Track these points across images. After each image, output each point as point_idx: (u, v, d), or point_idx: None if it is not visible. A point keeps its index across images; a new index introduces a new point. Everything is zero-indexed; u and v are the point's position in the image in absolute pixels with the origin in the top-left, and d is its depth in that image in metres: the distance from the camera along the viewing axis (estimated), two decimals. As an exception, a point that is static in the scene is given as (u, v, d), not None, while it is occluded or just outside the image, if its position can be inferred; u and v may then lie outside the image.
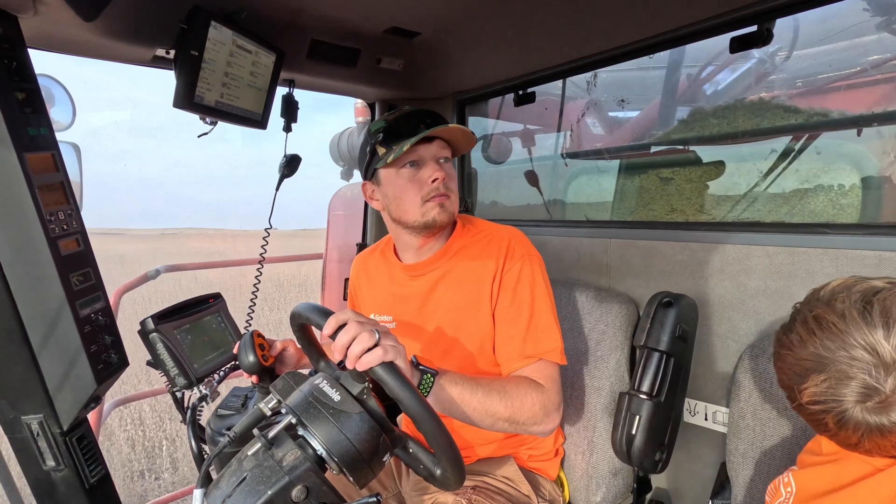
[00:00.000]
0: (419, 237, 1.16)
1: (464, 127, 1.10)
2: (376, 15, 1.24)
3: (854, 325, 0.66)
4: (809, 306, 0.74)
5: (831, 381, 0.67)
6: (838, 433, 0.70)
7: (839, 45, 1.60)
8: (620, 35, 1.30)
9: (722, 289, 1.28)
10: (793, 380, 0.73)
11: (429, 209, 1.11)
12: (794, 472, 0.79)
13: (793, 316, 0.77)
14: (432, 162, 1.11)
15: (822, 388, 0.68)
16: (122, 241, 29.67)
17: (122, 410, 4.02)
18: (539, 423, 1.00)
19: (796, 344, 0.72)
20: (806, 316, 0.73)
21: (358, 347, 0.75)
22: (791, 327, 0.75)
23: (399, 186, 1.12)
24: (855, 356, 0.66)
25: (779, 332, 0.79)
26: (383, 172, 1.14)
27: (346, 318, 0.78)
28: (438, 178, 1.10)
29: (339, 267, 2.87)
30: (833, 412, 0.68)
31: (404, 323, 1.22)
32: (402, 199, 1.12)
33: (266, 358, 1.14)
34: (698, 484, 1.36)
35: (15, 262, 0.94)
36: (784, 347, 0.75)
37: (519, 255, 1.12)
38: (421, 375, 0.87)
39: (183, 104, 1.12)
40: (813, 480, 0.76)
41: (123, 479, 3.30)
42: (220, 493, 0.70)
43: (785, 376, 0.76)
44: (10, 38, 0.92)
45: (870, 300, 0.68)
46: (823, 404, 0.68)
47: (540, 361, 1.06)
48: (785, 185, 1.52)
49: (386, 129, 1.10)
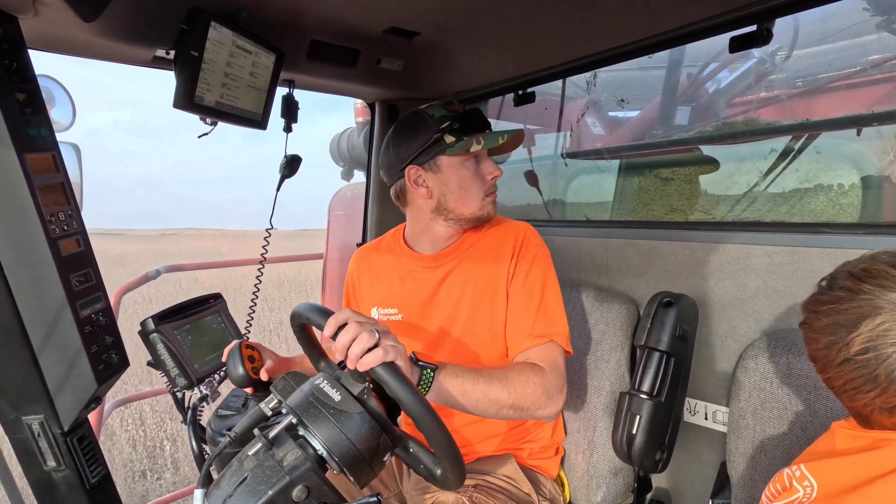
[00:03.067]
0: (458, 228, 1.21)
1: (523, 132, 1.16)
2: (376, 15, 1.24)
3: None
4: (849, 266, 0.72)
5: (888, 323, 0.64)
6: (888, 388, 0.65)
7: (839, 44, 1.60)
8: (620, 35, 1.30)
9: (722, 288, 1.28)
10: (838, 333, 0.69)
11: (486, 204, 1.17)
12: (810, 466, 0.74)
13: (828, 281, 0.74)
14: (489, 160, 1.19)
15: (879, 331, 0.65)
16: (122, 242, 29.69)
17: (123, 410, 4.03)
18: (543, 406, 1.00)
19: (844, 296, 0.69)
20: (850, 271, 0.71)
21: (358, 348, 0.75)
22: (831, 286, 0.72)
23: (464, 178, 1.15)
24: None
25: (811, 299, 0.75)
26: (446, 160, 1.15)
27: (346, 318, 0.78)
28: (497, 175, 1.18)
29: (339, 267, 2.87)
30: (887, 360, 0.64)
31: (412, 314, 1.22)
32: (466, 191, 1.16)
33: (256, 371, 1.11)
34: (698, 483, 1.36)
35: (15, 262, 0.94)
36: (823, 305, 0.71)
37: (534, 243, 1.17)
38: (421, 371, 0.87)
39: (183, 105, 1.12)
40: (838, 472, 0.71)
41: (125, 479, 3.30)
42: (220, 494, 0.70)
43: (826, 334, 0.71)
44: (10, 39, 0.92)
45: None
46: (876, 350, 0.65)
47: (548, 343, 1.07)
48: (785, 185, 1.52)
49: (455, 119, 1.13)
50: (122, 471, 3.39)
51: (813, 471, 0.73)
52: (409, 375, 0.80)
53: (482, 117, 1.17)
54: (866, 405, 0.70)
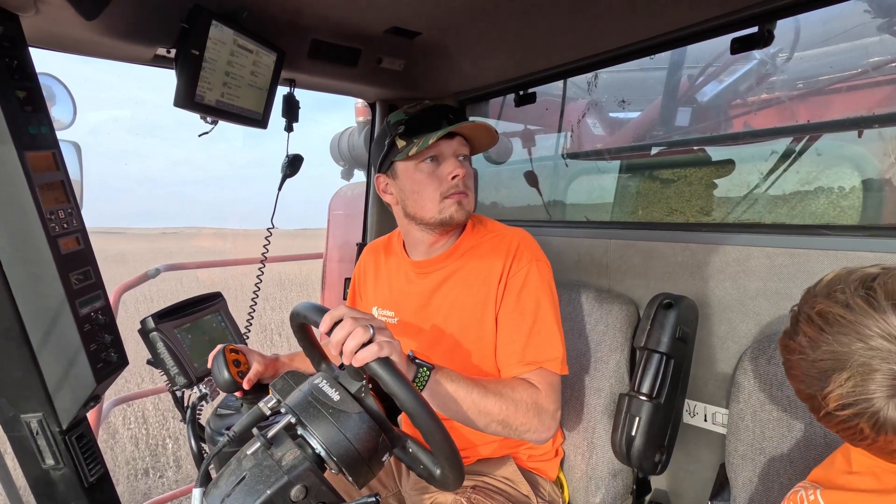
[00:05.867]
0: (431, 234, 1.15)
1: (488, 124, 1.08)
2: (377, 15, 1.24)
3: (863, 314, 0.62)
4: (809, 304, 0.69)
5: (856, 378, 0.61)
6: (877, 439, 0.62)
7: (840, 46, 1.60)
8: (621, 36, 1.30)
9: (722, 290, 1.28)
10: (813, 386, 0.66)
11: (447, 206, 1.10)
12: (826, 494, 0.69)
13: (793, 319, 0.71)
14: (452, 158, 1.10)
15: (848, 388, 0.62)
16: (123, 241, 29.71)
17: (125, 409, 4.04)
18: (533, 430, 0.98)
19: (807, 346, 0.66)
20: (809, 314, 0.67)
21: (353, 343, 0.75)
22: (795, 330, 0.70)
23: (418, 181, 1.10)
24: (873, 346, 0.60)
25: (782, 339, 0.73)
26: (401, 166, 1.12)
27: (342, 315, 0.78)
28: (459, 174, 1.09)
29: (339, 266, 2.87)
30: (867, 414, 0.61)
31: (407, 318, 1.21)
32: (420, 194, 1.10)
33: (242, 375, 1.11)
34: (698, 485, 1.35)
35: (15, 260, 0.94)
36: (794, 353, 0.69)
37: (527, 258, 1.10)
38: (417, 369, 0.87)
39: (183, 103, 1.12)
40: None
41: (127, 477, 3.31)
42: (219, 493, 0.70)
43: (803, 385, 0.68)
44: (11, 37, 0.92)
45: (870, 286, 0.63)
46: (853, 407, 0.62)
47: (540, 369, 1.04)
48: (785, 187, 1.52)
49: (407, 122, 1.09)
50: (125, 468, 3.40)
51: (829, 500, 0.69)
52: (405, 371, 0.80)
53: (434, 114, 1.09)
54: (867, 449, 0.67)
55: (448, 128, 1.05)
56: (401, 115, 1.12)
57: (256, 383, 1.15)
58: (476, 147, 1.17)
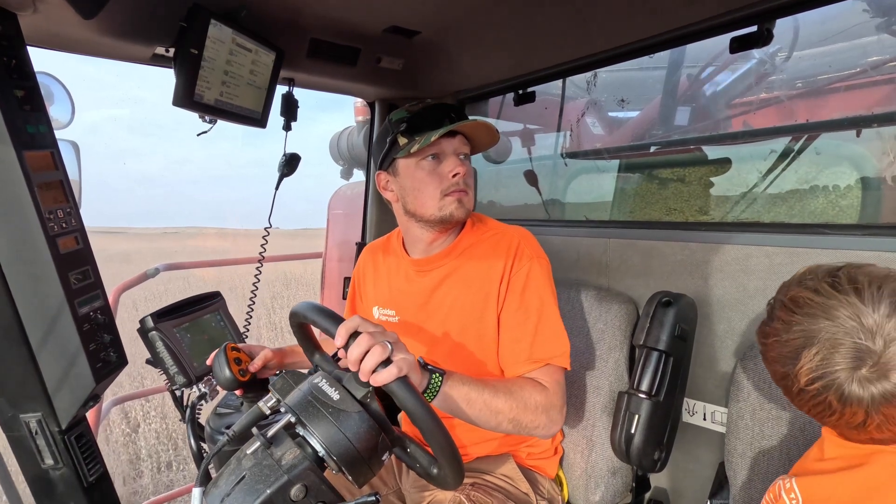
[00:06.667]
0: (431, 232, 1.16)
1: (489, 123, 1.09)
2: (376, 14, 1.24)
3: (829, 296, 0.69)
4: (782, 293, 0.77)
5: (823, 352, 0.68)
6: (843, 412, 0.68)
7: (839, 45, 1.60)
8: (620, 35, 1.30)
9: (721, 289, 1.28)
10: (786, 365, 0.72)
11: (447, 203, 1.10)
12: (799, 480, 0.76)
13: (769, 309, 0.79)
14: (453, 156, 1.11)
15: (817, 362, 0.68)
16: (124, 240, 29.67)
17: (125, 407, 4.04)
18: (541, 426, 1.00)
19: (781, 329, 0.73)
20: (782, 300, 0.75)
21: (371, 361, 0.74)
22: (771, 317, 0.77)
23: (418, 178, 1.11)
24: (838, 323, 0.67)
25: (760, 328, 0.80)
26: (402, 163, 1.13)
27: (356, 326, 0.77)
28: (459, 172, 1.10)
29: (338, 266, 2.87)
30: (833, 387, 0.67)
31: (408, 317, 1.21)
32: (420, 192, 1.11)
33: (244, 373, 1.11)
34: (697, 483, 1.36)
35: (14, 260, 0.94)
36: (769, 337, 0.76)
37: (528, 256, 1.11)
38: (430, 376, 0.87)
39: (182, 102, 1.12)
40: (823, 488, 0.73)
41: (127, 477, 3.31)
42: (218, 492, 0.70)
43: (778, 365, 0.75)
44: (10, 36, 0.92)
45: (835, 274, 0.72)
46: (821, 380, 0.68)
47: (547, 366, 1.05)
48: (784, 186, 1.52)
49: (409, 120, 1.10)
50: (127, 467, 3.40)
51: (801, 486, 0.75)
52: (419, 383, 0.80)
53: (436, 113, 1.10)
54: (835, 426, 0.73)
55: (450, 126, 1.06)
56: (403, 112, 1.13)
57: (257, 381, 1.16)
58: (477, 146, 1.18)
